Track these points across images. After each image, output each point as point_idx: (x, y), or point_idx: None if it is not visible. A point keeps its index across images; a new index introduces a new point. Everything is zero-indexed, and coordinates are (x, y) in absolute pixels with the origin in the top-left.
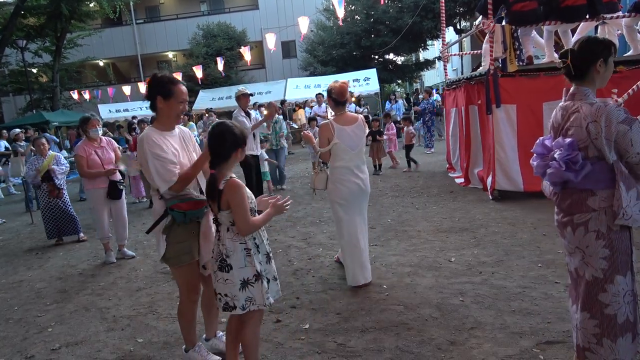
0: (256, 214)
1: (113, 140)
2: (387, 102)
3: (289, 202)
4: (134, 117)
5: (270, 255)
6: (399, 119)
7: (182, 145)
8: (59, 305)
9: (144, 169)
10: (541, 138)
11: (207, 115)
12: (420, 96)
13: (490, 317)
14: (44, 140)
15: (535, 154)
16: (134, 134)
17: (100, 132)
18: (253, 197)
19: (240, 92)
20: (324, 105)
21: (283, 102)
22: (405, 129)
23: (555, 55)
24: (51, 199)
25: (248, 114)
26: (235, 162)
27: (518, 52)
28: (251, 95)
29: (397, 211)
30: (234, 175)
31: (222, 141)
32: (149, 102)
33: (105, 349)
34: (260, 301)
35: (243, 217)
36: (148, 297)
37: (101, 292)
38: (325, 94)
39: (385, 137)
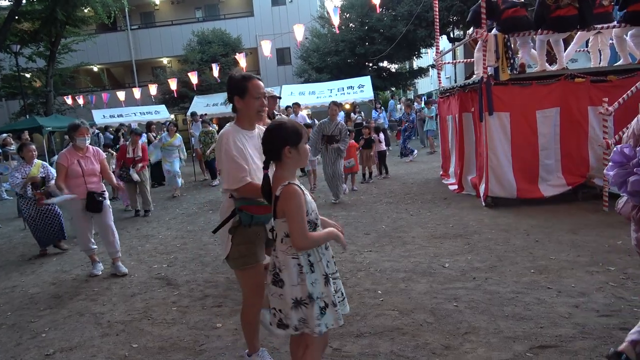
0: (319, 228)
1: (101, 151)
2: (374, 111)
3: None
4: (106, 127)
5: (331, 277)
6: (386, 127)
7: (260, 147)
8: (53, 311)
9: (220, 163)
10: (619, 146)
11: (192, 120)
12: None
13: (484, 322)
14: (33, 147)
15: (612, 163)
16: (122, 141)
17: (88, 142)
18: (315, 208)
19: (268, 93)
20: (300, 114)
21: (287, 107)
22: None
23: (547, 65)
24: (40, 207)
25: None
26: (293, 164)
27: (511, 61)
28: (279, 98)
29: (391, 217)
30: (295, 181)
31: (270, 137)
32: (231, 104)
33: (99, 354)
34: (312, 325)
35: (298, 228)
36: (143, 302)
37: (95, 297)
38: (300, 103)
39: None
